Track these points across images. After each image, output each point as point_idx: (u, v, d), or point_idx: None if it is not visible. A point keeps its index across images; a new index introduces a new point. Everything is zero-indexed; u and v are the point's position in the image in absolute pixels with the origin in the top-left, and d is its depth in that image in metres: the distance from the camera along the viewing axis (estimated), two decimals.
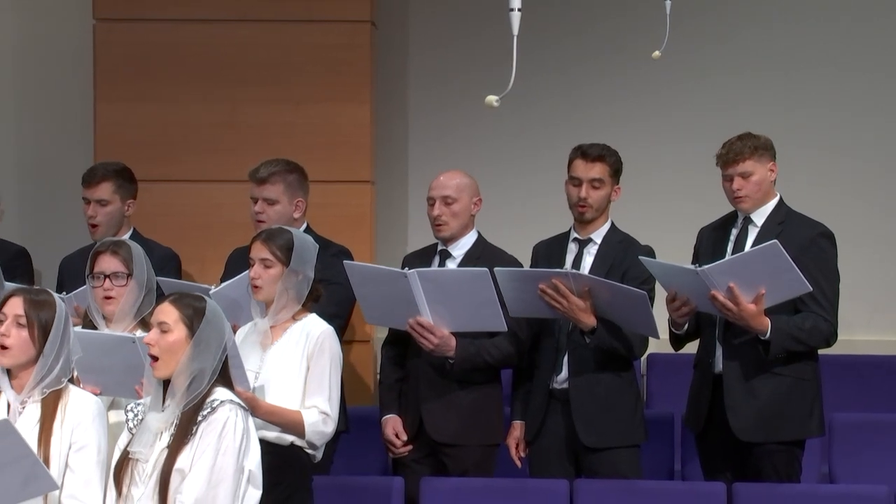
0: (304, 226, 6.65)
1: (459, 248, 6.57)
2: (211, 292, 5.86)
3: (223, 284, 6.16)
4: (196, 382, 4.97)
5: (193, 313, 5.00)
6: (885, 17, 8.23)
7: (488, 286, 6.17)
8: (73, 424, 4.99)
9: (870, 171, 8.25)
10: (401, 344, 6.57)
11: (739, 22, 8.27)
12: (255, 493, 5.03)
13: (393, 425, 6.54)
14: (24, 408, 5.02)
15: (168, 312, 5.00)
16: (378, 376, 6.88)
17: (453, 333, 6.33)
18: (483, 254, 6.53)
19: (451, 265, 6.53)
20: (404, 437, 6.52)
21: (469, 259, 6.52)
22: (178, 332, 4.98)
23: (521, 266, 6.51)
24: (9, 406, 5.03)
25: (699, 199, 7.43)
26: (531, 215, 7.94)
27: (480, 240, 6.61)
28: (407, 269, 6.27)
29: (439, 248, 6.60)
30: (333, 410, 5.72)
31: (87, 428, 5.00)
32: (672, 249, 6.76)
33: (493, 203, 7.95)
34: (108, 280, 5.75)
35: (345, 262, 6.33)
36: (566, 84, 8.27)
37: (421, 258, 6.61)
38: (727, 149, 6.35)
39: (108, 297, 5.75)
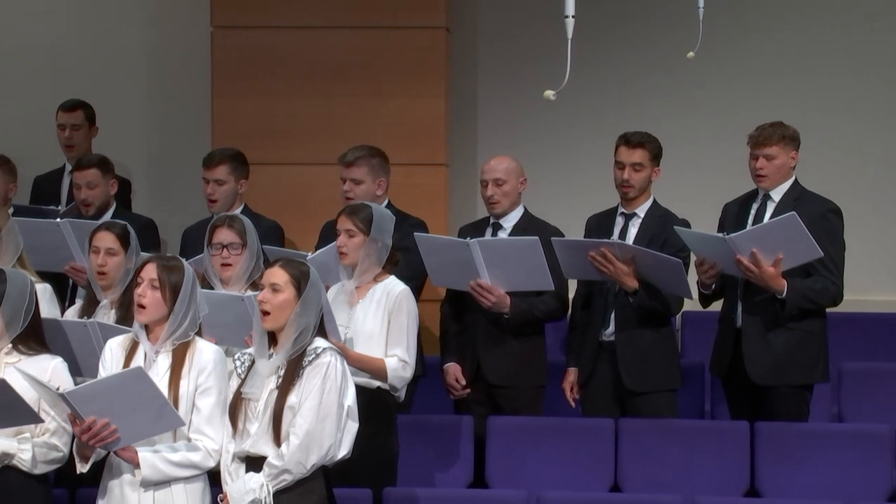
0: (386, 202, 6.66)
1: (509, 221, 6.60)
2: (307, 258, 5.85)
3: (317, 252, 6.22)
4: (302, 335, 5.06)
5: (300, 276, 5.07)
6: None
7: (539, 252, 6.22)
8: (199, 371, 5.09)
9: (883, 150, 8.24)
10: (457, 302, 6.60)
11: (762, 18, 8.27)
12: (354, 425, 5.13)
13: (453, 372, 6.57)
14: (157, 357, 5.12)
15: (279, 275, 5.07)
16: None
17: (507, 293, 6.37)
18: (529, 226, 6.55)
19: (502, 235, 6.55)
20: (463, 382, 6.56)
21: (517, 230, 6.54)
22: (288, 292, 5.05)
23: (563, 235, 6.54)
24: (145, 355, 5.13)
25: (724, 181, 7.44)
26: (582, 191, 7.91)
27: (527, 213, 6.65)
28: (469, 238, 6.33)
29: (491, 220, 6.63)
30: (411, 358, 5.81)
31: (210, 374, 5.09)
32: (700, 222, 6.80)
33: (549, 181, 7.96)
34: (225, 250, 5.89)
35: (415, 234, 6.34)
36: (613, 79, 8.15)
37: (475, 229, 6.63)
38: (759, 132, 6.41)
39: (225, 265, 5.89)
